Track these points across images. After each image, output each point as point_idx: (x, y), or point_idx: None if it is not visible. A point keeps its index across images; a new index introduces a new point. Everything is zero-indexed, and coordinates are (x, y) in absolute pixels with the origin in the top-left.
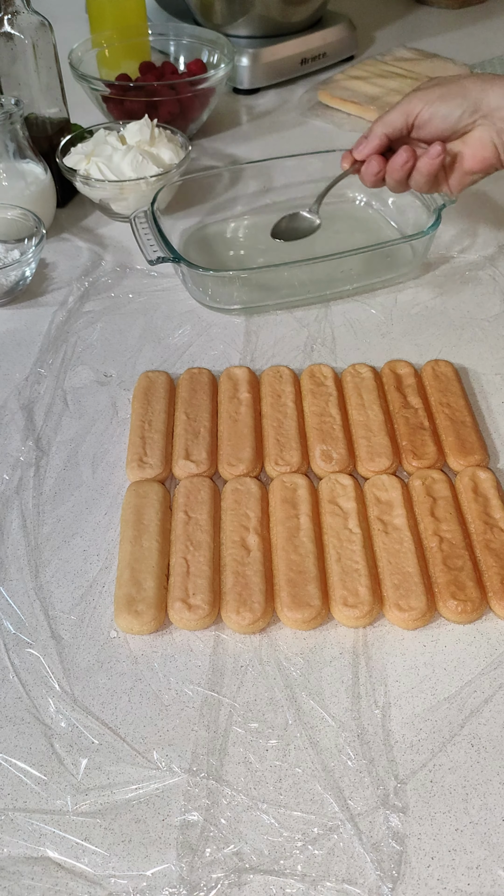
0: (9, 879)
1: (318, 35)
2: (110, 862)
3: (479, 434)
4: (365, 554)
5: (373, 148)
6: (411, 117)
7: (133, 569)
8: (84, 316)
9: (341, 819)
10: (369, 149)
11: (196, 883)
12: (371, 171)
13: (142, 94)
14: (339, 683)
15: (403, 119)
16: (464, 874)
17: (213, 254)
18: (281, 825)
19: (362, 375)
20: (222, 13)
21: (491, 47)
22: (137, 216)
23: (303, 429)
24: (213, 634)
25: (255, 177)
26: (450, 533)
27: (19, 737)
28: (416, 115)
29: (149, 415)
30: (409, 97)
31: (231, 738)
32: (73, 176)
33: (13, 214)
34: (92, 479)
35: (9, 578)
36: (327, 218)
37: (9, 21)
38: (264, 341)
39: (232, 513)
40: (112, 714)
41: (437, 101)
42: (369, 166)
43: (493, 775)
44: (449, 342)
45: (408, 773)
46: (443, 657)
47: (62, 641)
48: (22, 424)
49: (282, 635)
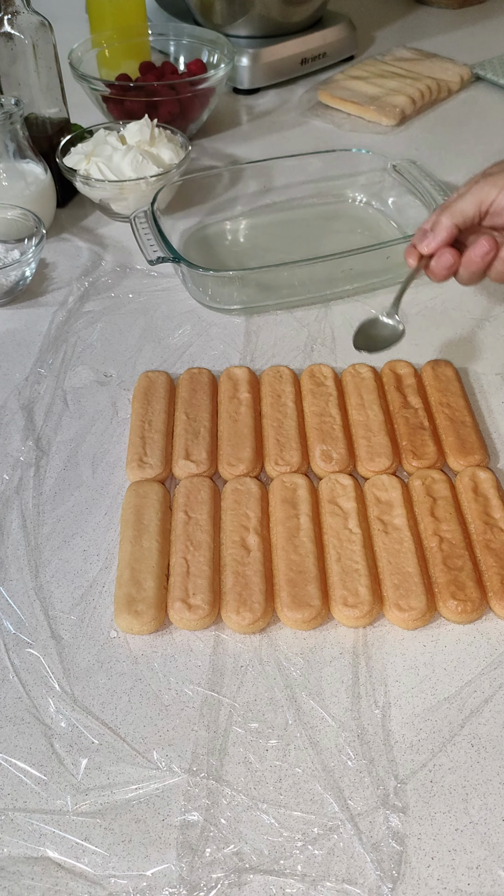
0: (9, 879)
1: (318, 35)
2: (110, 862)
3: (479, 434)
4: (365, 554)
5: (441, 241)
6: (485, 205)
7: (133, 569)
8: (84, 316)
9: (341, 819)
10: (438, 242)
11: (196, 883)
12: (444, 265)
13: (142, 94)
14: (339, 683)
15: (476, 208)
16: (464, 874)
17: (213, 254)
18: (281, 825)
19: (362, 375)
20: (222, 13)
21: (491, 47)
22: (137, 216)
23: (303, 429)
24: (213, 634)
25: (255, 177)
26: (450, 533)
27: (19, 737)
28: (490, 203)
29: (149, 415)
30: (479, 184)
31: (231, 738)
32: (73, 176)
33: (13, 214)
34: (92, 479)
35: (9, 578)
36: (327, 218)
37: (9, 21)
38: (264, 341)
39: (232, 513)
40: (112, 714)
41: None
42: (442, 260)
43: (493, 775)
44: (449, 342)
45: (408, 773)
46: (443, 657)
47: (62, 641)
48: (22, 424)
49: (282, 635)
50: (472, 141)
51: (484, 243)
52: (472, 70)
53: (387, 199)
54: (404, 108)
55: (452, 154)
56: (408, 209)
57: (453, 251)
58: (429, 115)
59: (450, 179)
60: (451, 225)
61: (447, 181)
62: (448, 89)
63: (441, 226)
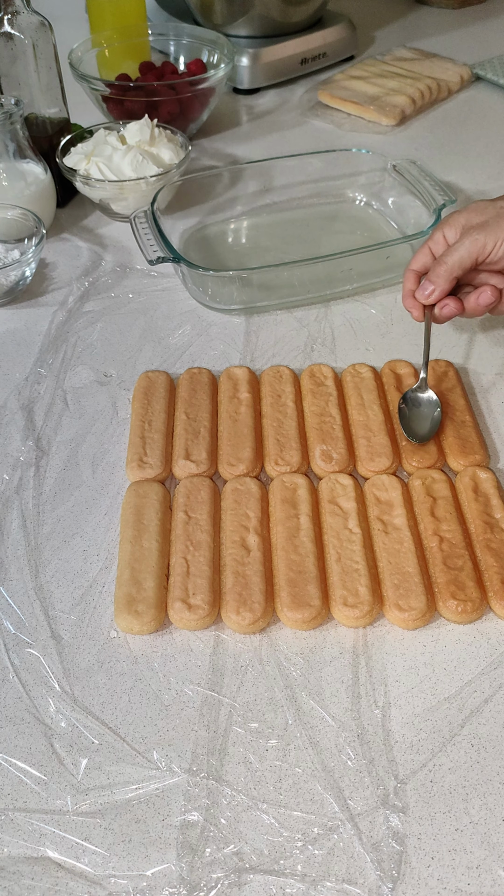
0: (9, 879)
1: (318, 35)
2: (110, 862)
3: (480, 434)
4: (365, 554)
5: (442, 293)
6: (482, 256)
7: (133, 569)
8: (84, 316)
9: (341, 819)
10: (439, 294)
11: (196, 883)
12: (447, 314)
13: (142, 94)
14: (339, 683)
15: (473, 260)
16: (464, 874)
17: (213, 254)
18: (281, 825)
19: (362, 375)
20: (222, 13)
21: (491, 47)
22: (137, 216)
23: (303, 429)
24: (213, 634)
25: (255, 177)
26: (450, 533)
27: (19, 737)
28: (487, 255)
29: (149, 415)
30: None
31: (231, 738)
32: (73, 176)
33: (13, 214)
34: (92, 479)
35: (9, 578)
36: (327, 218)
37: (9, 21)
38: (264, 341)
39: (232, 513)
40: (112, 714)
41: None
42: (446, 311)
43: (493, 775)
44: (449, 342)
45: (408, 773)
46: (443, 657)
47: (62, 641)
48: (22, 424)
49: (282, 635)
50: (472, 141)
51: (488, 294)
52: (472, 70)
53: (387, 199)
54: (404, 108)
55: (452, 154)
56: (408, 209)
57: (456, 300)
58: (429, 115)
59: (450, 179)
60: (451, 278)
61: (447, 181)
62: (448, 89)
63: (441, 278)
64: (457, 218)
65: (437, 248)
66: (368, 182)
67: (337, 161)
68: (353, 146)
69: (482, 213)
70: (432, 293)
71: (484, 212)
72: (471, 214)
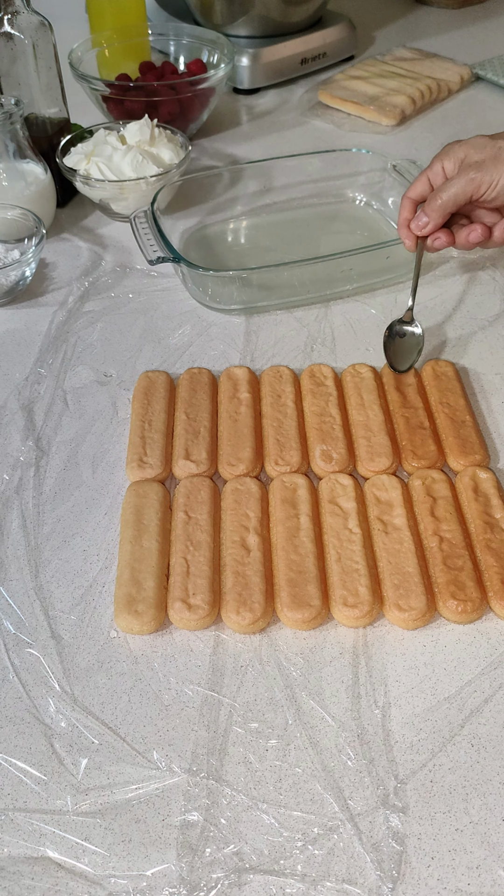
0: (9, 879)
1: (318, 35)
2: (110, 862)
3: (480, 434)
4: (365, 554)
5: (436, 226)
6: (477, 194)
7: (133, 569)
8: (84, 316)
9: (341, 819)
10: (432, 227)
11: (196, 883)
12: (439, 246)
13: (142, 94)
14: (339, 683)
15: (467, 197)
16: (464, 874)
17: (213, 254)
18: (281, 825)
19: (362, 375)
20: (222, 13)
21: (491, 47)
22: (137, 216)
23: (303, 429)
24: (213, 634)
25: (255, 177)
26: (450, 533)
27: (19, 737)
28: (482, 194)
29: (149, 415)
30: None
31: (231, 738)
32: (73, 176)
33: (13, 214)
34: (92, 479)
35: (9, 578)
36: (327, 218)
37: (9, 21)
38: (264, 341)
39: (232, 513)
40: (112, 714)
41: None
42: (437, 243)
43: (493, 775)
44: (449, 342)
45: (408, 773)
46: (443, 657)
47: (62, 641)
48: (22, 424)
49: (282, 635)
50: None
51: (478, 231)
52: (472, 70)
53: (387, 199)
54: (404, 108)
55: None
56: None
57: (448, 233)
58: (429, 115)
59: None
60: (444, 213)
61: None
62: (448, 89)
63: (436, 212)
64: (456, 151)
65: (435, 179)
66: (368, 182)
67: (337, 161)
68: (353, 146)
69: (481, 150)
70: (426, 225)
71: (483, 150)
72: (470, 150)
